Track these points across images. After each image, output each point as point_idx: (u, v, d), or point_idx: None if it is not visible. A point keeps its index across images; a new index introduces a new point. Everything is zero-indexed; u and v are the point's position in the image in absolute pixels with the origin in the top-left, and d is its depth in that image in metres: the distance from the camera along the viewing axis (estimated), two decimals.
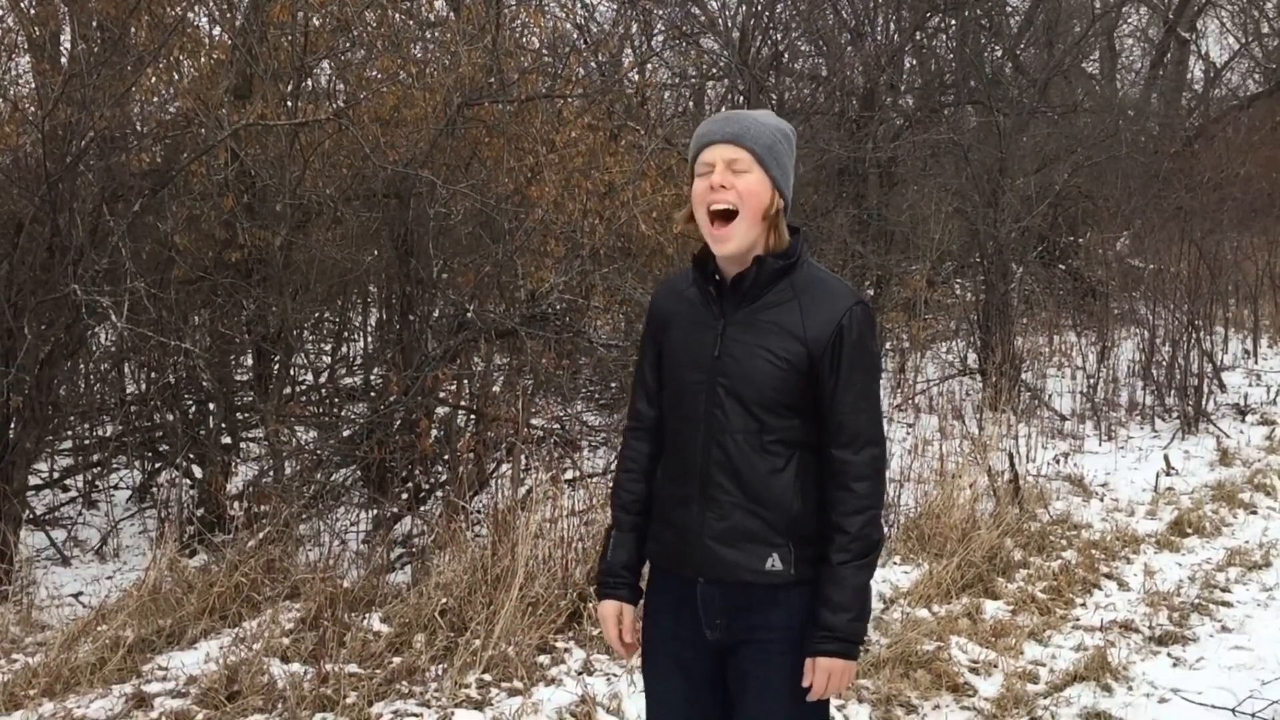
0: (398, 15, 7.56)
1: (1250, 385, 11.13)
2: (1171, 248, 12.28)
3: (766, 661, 2.41)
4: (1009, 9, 14.78)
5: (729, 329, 2.39)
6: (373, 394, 8.15)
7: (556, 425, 7.69)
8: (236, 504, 6.25)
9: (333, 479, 6.54)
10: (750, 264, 2.38)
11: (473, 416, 7.04)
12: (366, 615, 4.77)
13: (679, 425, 2.45)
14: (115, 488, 7.55)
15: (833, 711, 4.27)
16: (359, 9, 6.59)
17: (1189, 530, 6.81)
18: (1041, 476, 7.62)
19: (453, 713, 4.11)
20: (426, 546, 5.68)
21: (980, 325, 10.92)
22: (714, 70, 11.99)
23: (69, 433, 7.67)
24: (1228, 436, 9.23)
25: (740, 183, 2.33)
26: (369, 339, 10.92)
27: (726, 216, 2.35)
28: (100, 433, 7.82)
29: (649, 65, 11.16)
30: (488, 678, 4.38)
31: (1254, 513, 7.29)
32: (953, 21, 14.11)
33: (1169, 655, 5.02)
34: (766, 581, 2.39)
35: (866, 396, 2.39)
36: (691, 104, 12.61)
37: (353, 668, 4.36)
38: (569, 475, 6.41)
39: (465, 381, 7.12)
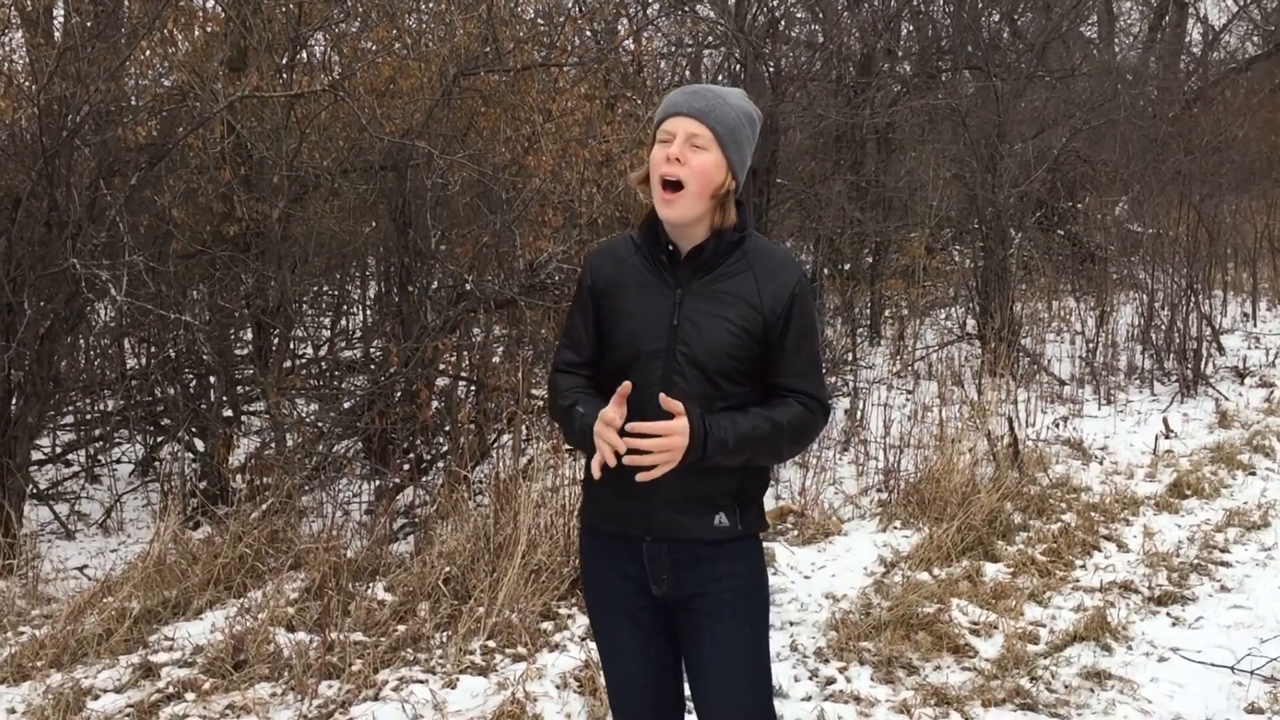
0: None
1: (1249, 348, 11.15)
2: (1170, 211, 12.25)
3: (717, 612, 2.47)
4: None
5: (687, 299, 2.43)
6: (373, 366, 8.17)
7: None
8: (239, 476, 6.29)
9: (334, 450, 6.56)
10: (708, 237, 2.44)
11: (473, 387, 7.05)
12: (370, 584, 4.80)
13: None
14: (118, 462, 7.58)
15: (835, 674, 4.32)
16: None
17: (1188, 492, 6.84)
18: (1041, 440, 7.64)
19: (458, 678, 4.14)
20: (429, 516, 5.70)
21: (979, 291, 10.92)
22: (710, 38, 11.93)
23: (71, 407, 7.70)
24: (1226, 399, 9.26)
25: (695, 159, 2.37)
26: (368, 311, 10.93)
27: (675, 187, 2.39)
28: (102, 407, 7.85)
29: (645, 33, 11.09)
30: (492, 644, 4.42)
31: (1253, 474, 7.32)
32: None
33: (1168, 615, 5.06)
34: (714, 538, 2.46)
35: (812, 361, 2.49)
36: (688, 72, 12.55)
37: (358, 636, 4.40)
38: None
39: (465, 352, 7.13)
